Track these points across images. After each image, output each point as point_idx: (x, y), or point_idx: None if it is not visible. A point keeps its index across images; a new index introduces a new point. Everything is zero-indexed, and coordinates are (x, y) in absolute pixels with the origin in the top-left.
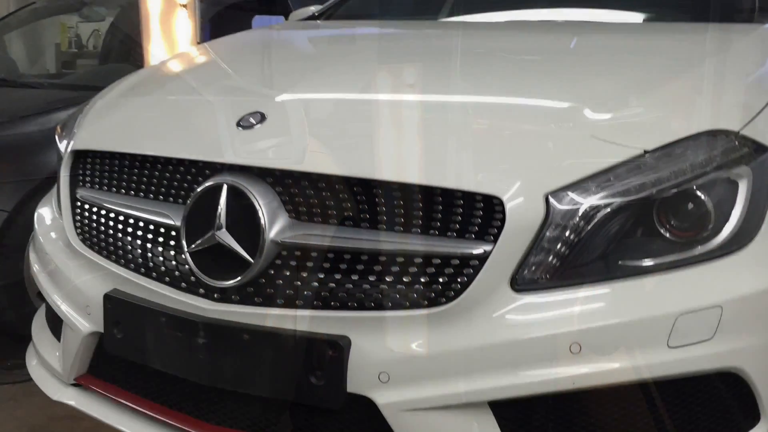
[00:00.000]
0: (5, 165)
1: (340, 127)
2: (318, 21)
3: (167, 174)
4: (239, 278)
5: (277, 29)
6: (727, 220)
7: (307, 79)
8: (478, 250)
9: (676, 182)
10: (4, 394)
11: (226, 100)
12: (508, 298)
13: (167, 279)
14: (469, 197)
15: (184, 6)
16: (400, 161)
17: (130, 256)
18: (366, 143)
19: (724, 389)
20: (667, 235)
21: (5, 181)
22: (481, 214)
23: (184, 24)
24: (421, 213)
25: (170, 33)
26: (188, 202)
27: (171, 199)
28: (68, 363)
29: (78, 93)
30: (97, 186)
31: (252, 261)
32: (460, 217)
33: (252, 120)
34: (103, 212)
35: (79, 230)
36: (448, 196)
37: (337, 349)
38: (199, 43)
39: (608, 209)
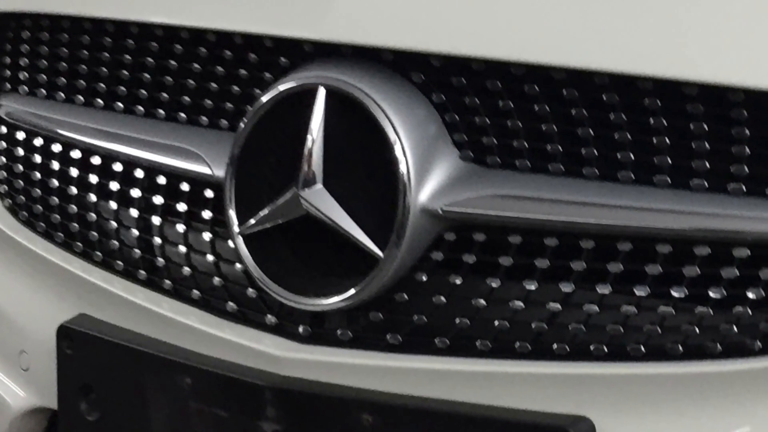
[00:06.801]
0: None
1: None
2: None
3: (197, 66)
4: (352, 292)
5: None
6: None
7: None
8: None
9: None
10: None
11: None
12: None
13: (195, 294)
14: None
15: None
16: (693, 45)
17: (115, 244)
18: (621, 11)
19: None
20: None
21: None
22: None
23: None
24: (732, 150)
25: None
26: (241, 127)
27: (204, 119)
28: None
29: None
30: (43, 92)
31: (380, 255)
32: None
33: None
34: (55, 150)
35: (3, 189)
36: None
37: None
38: None
39: None
